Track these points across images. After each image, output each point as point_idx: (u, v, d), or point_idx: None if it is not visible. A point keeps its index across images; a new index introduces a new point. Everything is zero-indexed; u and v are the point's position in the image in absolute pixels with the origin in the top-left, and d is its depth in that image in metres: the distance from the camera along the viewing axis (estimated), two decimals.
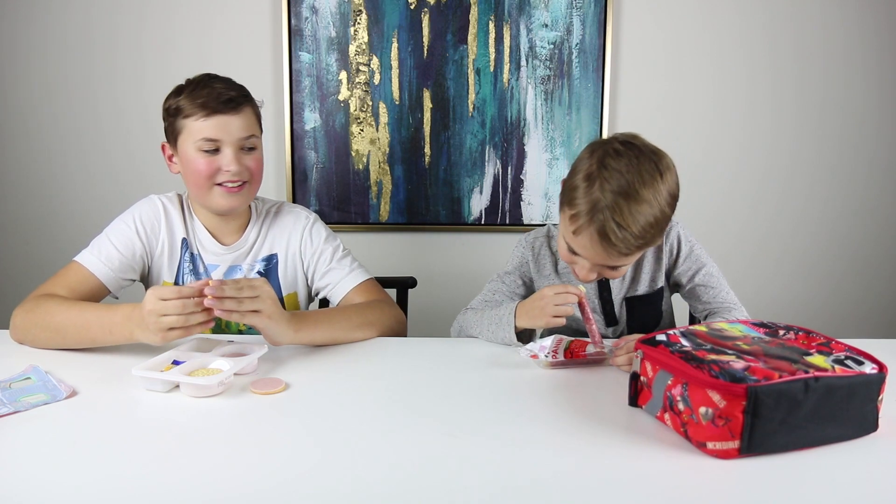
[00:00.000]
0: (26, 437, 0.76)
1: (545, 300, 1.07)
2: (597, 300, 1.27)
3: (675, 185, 1.06)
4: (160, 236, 1.26)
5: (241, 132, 1.19)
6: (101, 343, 1.04)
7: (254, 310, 0.97)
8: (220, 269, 1.29)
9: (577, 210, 1.03)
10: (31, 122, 2.04)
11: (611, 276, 1.13)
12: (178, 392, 0.90)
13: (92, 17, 1.99)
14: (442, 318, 2.15)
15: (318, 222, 1.35)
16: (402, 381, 0.97)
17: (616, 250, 1.02)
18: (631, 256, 1.06)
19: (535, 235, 1.33)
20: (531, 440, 0.77)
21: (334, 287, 1.30)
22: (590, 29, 1.98)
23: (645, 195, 1.00)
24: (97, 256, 1.19)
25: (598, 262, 1.07)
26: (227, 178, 1.19)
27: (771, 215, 2.12)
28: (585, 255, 1.07)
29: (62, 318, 1.05)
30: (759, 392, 0.68)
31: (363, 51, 1.98)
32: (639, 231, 1.00)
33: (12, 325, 1.09)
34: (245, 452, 0.73)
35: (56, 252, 2.10)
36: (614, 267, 1.09)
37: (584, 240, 1.04)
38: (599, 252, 1.04)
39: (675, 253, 1.24)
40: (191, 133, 1.17)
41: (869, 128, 2.08)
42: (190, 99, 1.17)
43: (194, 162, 1.18)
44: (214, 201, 1.21)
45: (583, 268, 1.09)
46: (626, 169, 1.01)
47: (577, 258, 1.09)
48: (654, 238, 1.05)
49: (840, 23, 2.02)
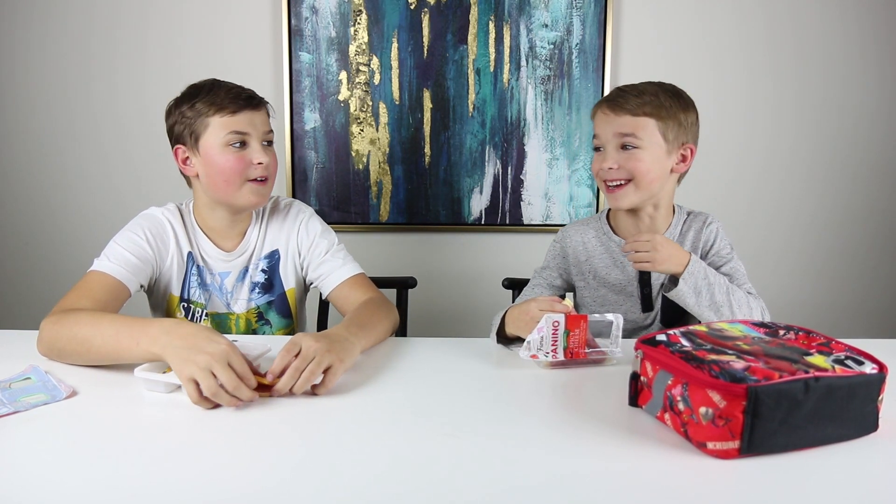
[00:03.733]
0: (26, 438, 0.76)
1: (530, 314, 1.05)
2: (637, 284, 1.28)
3: (692, 101, 1.22)
4: (170, 250, 1.25)
5: (263, 126, 1.23)
6: (124, 355, 0.94)
7: (326, 369, 0.90)
8: (232, 276, 1.29)
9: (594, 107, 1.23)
10: (31, 123, 2.04)
11: (634, 168, 1.17)
12: (178, 393, 0.89)
13: (92, 18, 1.99)
14: (442, 318, 2.16)
15: (314, 216, 1.36)
16: (401, 381, 0.97)
17: (617, 93, 1.17)
18: (640, 119, 1.15)
19: (567, 226, 1.39)
20: (531, 440, 0.77)
21: (326, 278, 1.30)
22: (590, 29, 1.98)
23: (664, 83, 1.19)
24: (112, 261, 1.16)
25: (611, 129, 1.17)
26: (258, 173, 1.21)
27: (771, 215, 2.12)
28: (601, 128, 1.19)
29: (90, 329, 0.97)
30: (759, 392, 0.68)
31: (363, 51, 1.98)
32: (643, 87, 1.16)
33: (39, 337, 1.03)
34: (245, 452, 0.73)
35: (55, 253, 2.10)
36: (630, 146, 1.16)
37: (597, 114, 1.20)
38: (605, 110, 1.18)
39: (711, 244, 1.26)
40: (217, 130, 1.18)
41: (869, 127, 2.08)
42: (210, 99, 1.18)
43: (222, 158, 1.19)
44: (244, 198, 1.22)
45: (605, 155, 1.19)
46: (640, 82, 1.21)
47: (600, 154, 1.21)
48: (662, 109, 1.15)
49: (840, 23, 2.02)
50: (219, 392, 0.82)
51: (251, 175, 1.21)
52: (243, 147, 1.20)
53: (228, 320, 1.30)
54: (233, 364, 0.84)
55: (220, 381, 0.82)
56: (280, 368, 0.88)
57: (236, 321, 1.31)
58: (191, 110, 1.19)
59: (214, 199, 1.25)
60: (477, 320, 2.10)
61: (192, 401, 0.84)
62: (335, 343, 0.94)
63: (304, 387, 0.88)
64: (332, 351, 0.91)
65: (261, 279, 1.31)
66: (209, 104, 1.18)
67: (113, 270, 1.15)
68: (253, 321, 1.32)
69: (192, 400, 0.84)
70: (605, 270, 1.29)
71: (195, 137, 1.20)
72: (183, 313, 1.27)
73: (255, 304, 1.31)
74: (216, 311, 1.29)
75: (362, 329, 1.07)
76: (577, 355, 1.02)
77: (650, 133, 1.15)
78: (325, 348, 0.90)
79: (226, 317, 1.30)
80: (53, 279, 2.08)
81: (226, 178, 1.20)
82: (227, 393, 0.83)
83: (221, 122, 1.18)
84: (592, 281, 1.30)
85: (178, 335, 0.87)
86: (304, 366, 0.88)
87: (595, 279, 1.29)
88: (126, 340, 0.93)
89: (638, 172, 1.16)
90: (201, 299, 1.28)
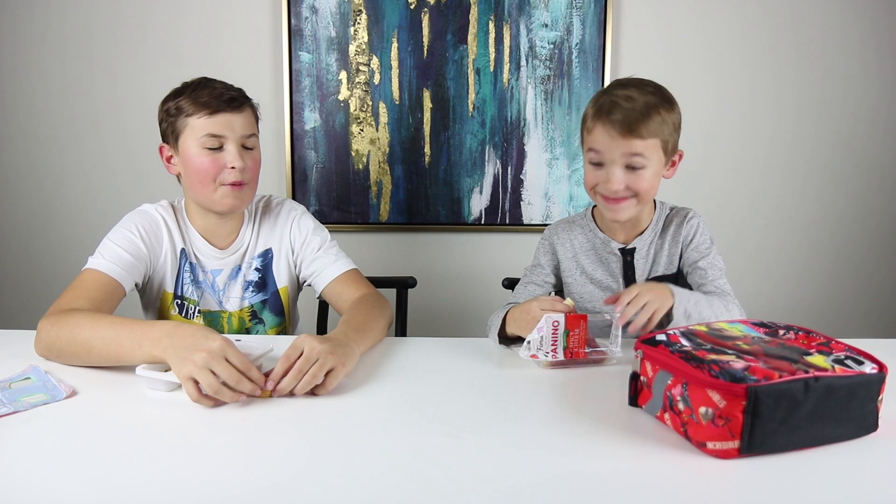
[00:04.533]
0: (26, 437, 0.76)
1: (531, 314, 1.06)
2: (622, 280, 1.28)
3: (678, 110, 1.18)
4: (163, 246, 1.25)
5: (243, 129, 1.21)
6: (125, 357, 0.94)
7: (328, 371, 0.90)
8: (224, 273, 1.29)
9: (587, 114, 1.17)
10: (31, 122, 2.04)
11: (637, 186, 1.15)
12: (179, 391, 0.89)
13: (92, 18, 1.99)
14: (442, 318, 2.16)
15: (306, 213, 1.36)
16: (401, 381, 0.97)
17: (622, 114, 1.10)
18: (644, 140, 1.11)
19: (555, 224, 1.38)
20: (531, 440, 0.77)
21: (319, 274, 1.30)
22: (590, 29, 1.98)
23: (647, 86, 1.15)
24: (107, 259, 1.16)
25: (615, 149, 1.13)
26: (232, 178, 1.19)
27: (770, 215, 2.12)
28: (602, 146, 1.14)
29: (90, 332, 0.97)
30: (759, 392, 0.68)
31: (363, 51, 1.98)
32: (643, 100, 1.11)
33: (37, 338, 1.03)
34: (245, 452, 0.73)
35: (54, 252, 2.10)
36: (635, 166, 1.13)
37: (598, 130, 1.14)
38: (611, 131, 1.12)
39: (691, 238, 1.26)
40: (194, 131, 1.17)
41: (869, 127, 2.08)
42: (192, 98, 1.17)
43: (197, 160, 1.18)
44: (219, 201, 1.21)
45: (608, 174, 1.14)
46: (627, 81, 1.17)
47: (601, 171, 1.16)
48: (661, 108, 1.13)
49: (840, 22, 2.02)
50: (221, 389, 0.83)
51: (225, 179, 1.20)
52: (219, 150, 1.19)
53: (221, 318, 1.30)
54: (230, 359, 0.85)
55: (221, 378, 0.83)
56: (282, 373, 0.88)
57: (228, 319, 1.31)
58: (175, 108, 1.19)
59: (193, 199, 1.25)
60: (477, 320, 2.11)
61: (192, 399, 0.84)
62: (338, 347, 0.94)
63: (306, 388, 0.88)
64: (335, 354, 0.91)
65: (254, 278, 1.31)
66: (190, 103, 1.17)
67: (108, 269, 1.15)
68: (246, 319, 1.32)
69: (191, 399, 0.84)
70: (591, 267, 1.30)
71: (176, 136, 1.20)
72: (177, 310, 1.27)
73: (248, 302, 1.31)
74: (209, 309, 1.29)
75: (361, 334, 1.07)
76: (576, 355, 1.02)
77: (656, 151, 1.14)
78: (328, 350, 0.91)
79: (218, 314, 1.30)
80: (53, 279, 2.08)
81: (199, 179, 1.19)
82: (230, 389, 0.83)
83: (199, 123, 1.17)
84: (580, 277, 1.30)
85: (178, 336, 0.88)
86: (307, 367, 0.88)
87: (582, 275, 1.30)
88: (128, 343, 0.93)
89: (642, 190, 1.16)
90: (194, 296, 1.28)
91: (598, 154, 1.15)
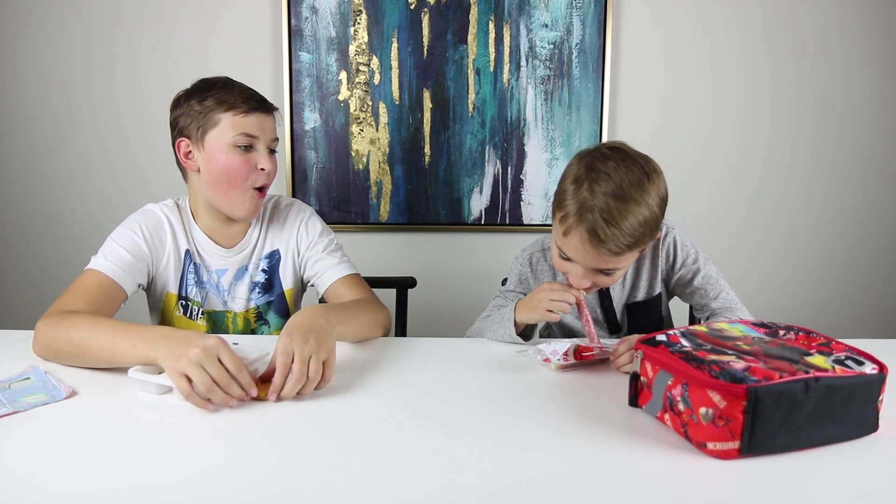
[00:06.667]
0: (26, 438, 0.76)
1: (542, 294, 1.10)
2: (598, 308, 1.28)
3: (664, 189, 1.06)
4: (167, 247, 1.24)
5: (272, 132, 1.22)
6: (120, 358, 0.94)
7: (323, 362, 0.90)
8: (229, 273, 1.29)
9: (567, 211, 1.03)
10: (30, 121, 2.05)
11: (605, 284, 1.11)
12: (170, 394, 0.89)
13: (91, 17, 1.99)
14: (442, 318, 2.16)
15: (315, 215, 1.36)
16: (401, 382, 0.97)
17: (606, 248, 1.01)
18: (622, 257, 1.04)
19: (531, 251, 1.34)
20: (531, 440, 0.77)
21: (322, 275, 1.30)
22: (590, 29, 1.98)
23: (633, 194, 1.00)
24: (109, 260, 1.15)
25: (590, 264, 1.06)
26: (262, 181, 1.20)
27: (770, 215, 2.12)
28: (577, 257, 1.06)
29: (87, 333, 0.97)
30: (759, 392, 0.68)
31: (363, 51, 1.98)
32: (628, 229, 0.99)
33: (35, 339, 1.03)
34: (244, 452, 0.73)
35: (54, 252, 2.10)
36: (607, 272, 1.08)
37: (574, 240, 1.03)
38: (590, 252, 1.03)
39: (672, 258, 1.23)
40: (228, 127, 1.16)
41: (868, 127, 2.08)
42: (224, 95, 1.16)
43: (227, 159, 1.17)
44: (241, 205, 1.21)
45: (576, 274, 1.08)
46: (613, 170, 1.01)
47: (570, 264, 1.08)
48: (644, 238, 1.04)
49: (840, 23, 2.02)
50: (213, 388, 0.83)
51: (255, 182, 1.20)
52: (249, 150, 1.18)
53: (226, 318, 1.30)
54: (222, 359, 0.85)
55: (213, 377, 0.83)
56: (282, 383, 0.88)
57: (234, 319, 1.30)
58: (200, 104, 1.17)
59: (209, 199, 1.23)
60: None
61: (183, 395, 0.84)
62: (320, 335, 0.93)
63: (312, 386, 0.89)
64: (322, 346, 0.91)
65: (261, 279, 1.31)
66: (221, 101, 1.16)
67: (109, 270, 1.14)
68: (252, 321, 1.32)
69: (182, 394, 0.84)
70: None
71: (202, 132, 1.18)
72: (181, 311, 1.27)
73: (254, 304, 1.31)
74: (213, 310, 1.29)
75: (339, 314, 1.05)
76: (583, 356, 1.01)
77: (629, 258, 1.08)
78: (315, 346, 0.90)
79: (223, 315, 1.30)
80: (53, 279, 2.08)
81: (229, 179, 1.18)
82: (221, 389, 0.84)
83: (232, 122, 1.16)
84: None
85: (173, 338, 0.89)
86: (305, 368, 0.88)
87: None
88: (123, 344, 0.93)
89: (610, 284, 1.14)
90: (198, 297, 1.27)
91: (567, 253, 1.08)
